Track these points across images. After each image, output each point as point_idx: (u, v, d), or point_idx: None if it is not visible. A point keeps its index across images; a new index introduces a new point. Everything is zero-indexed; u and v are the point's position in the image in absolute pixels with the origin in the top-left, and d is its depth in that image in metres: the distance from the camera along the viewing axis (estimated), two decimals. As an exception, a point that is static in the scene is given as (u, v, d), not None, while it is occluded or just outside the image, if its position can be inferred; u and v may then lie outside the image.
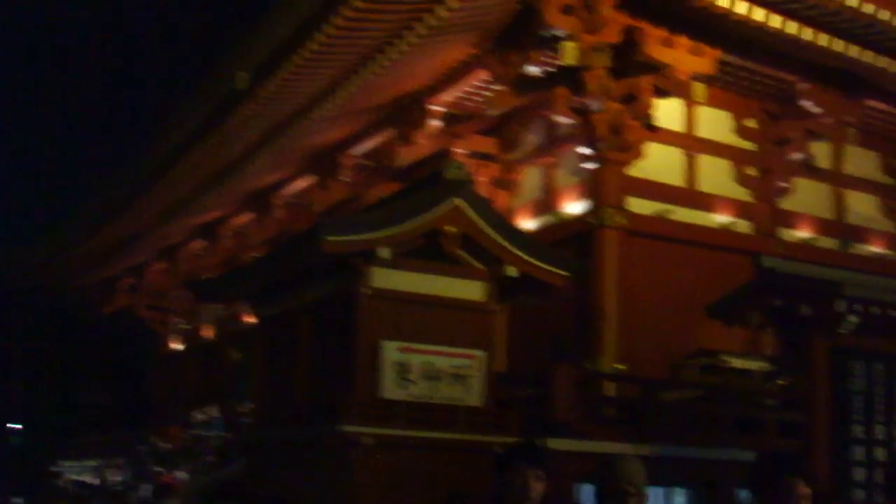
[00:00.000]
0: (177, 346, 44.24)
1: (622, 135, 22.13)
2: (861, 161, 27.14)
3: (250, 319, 28.54)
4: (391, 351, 16.15)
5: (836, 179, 26.82)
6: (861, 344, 14.29)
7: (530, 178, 25.89)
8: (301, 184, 31.95)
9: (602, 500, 6.39)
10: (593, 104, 21.94)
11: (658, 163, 23.59)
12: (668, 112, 23.53)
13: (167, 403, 40.83)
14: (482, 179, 25.31)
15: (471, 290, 17.22)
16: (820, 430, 14.10)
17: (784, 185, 25.27)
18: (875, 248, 26.86)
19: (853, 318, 13.86)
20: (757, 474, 6.41)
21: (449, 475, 15.88)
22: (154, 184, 32.31)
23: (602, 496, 6.40)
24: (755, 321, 15.02)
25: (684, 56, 21.93)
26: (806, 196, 25.98)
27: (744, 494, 18.06)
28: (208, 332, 41.17)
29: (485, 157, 26.27)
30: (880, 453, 14.25)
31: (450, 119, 25.92)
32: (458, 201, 16.69)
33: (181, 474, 28.07)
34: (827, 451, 13.84)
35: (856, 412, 14.24)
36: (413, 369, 16.24)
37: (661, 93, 22.49)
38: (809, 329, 14.16)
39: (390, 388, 16.10)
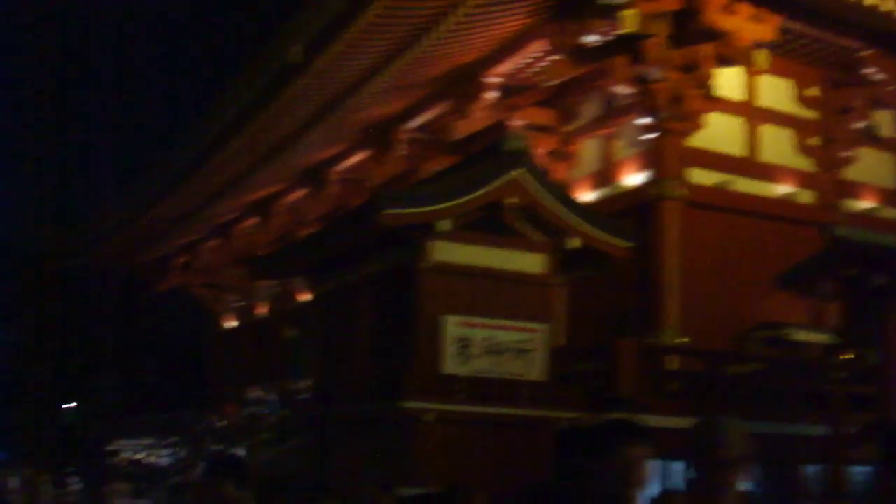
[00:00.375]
0: (231, 323, 44.28)
1: (682, 104, 21.78)
2: (926, 129, 26.61)
3: (305, 296, 28.48)
4: (452, 325, 15.96)
5: (900, 148, 26.33)
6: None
7: (589, 150, 25.56)
8: (355, 158, 31.74)
9: (697, 470, 5.64)
10: (653, 73, 21.60)
11: (719, 133, 23.26)
12: (728, 81, 23.13)
13: (222, 381, 40.91)
14: (539, 151, 24.96)
15: (531, 262, 17.01)
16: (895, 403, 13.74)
17: (847, 154, 24.82)
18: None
19: (930, 288, 13.50)
20: (891, 446, 5.80)
21: (511, 450, 15.71)
22: (208, 160, 32.24)
23: (698, 466, 5.64)
24: (826, 291, 14.63)
25: (746, 23, 21.47)
26: (869, 165, 25.52)
27: (811, 469, 17.73)
28: (262, 310, 41.16)
29: (542, 128, 25.97)
30: (959, 427, 13.88)
31: (506, 91, 25.58)
32: (518, 173, 16.46)
33: (238, 452, 28.03)
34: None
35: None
36: (475, 344, 16.04)
37: (723, 61, 22.07)
38: (884, 299, 13.80)
39: (451, 363, 15.92)
